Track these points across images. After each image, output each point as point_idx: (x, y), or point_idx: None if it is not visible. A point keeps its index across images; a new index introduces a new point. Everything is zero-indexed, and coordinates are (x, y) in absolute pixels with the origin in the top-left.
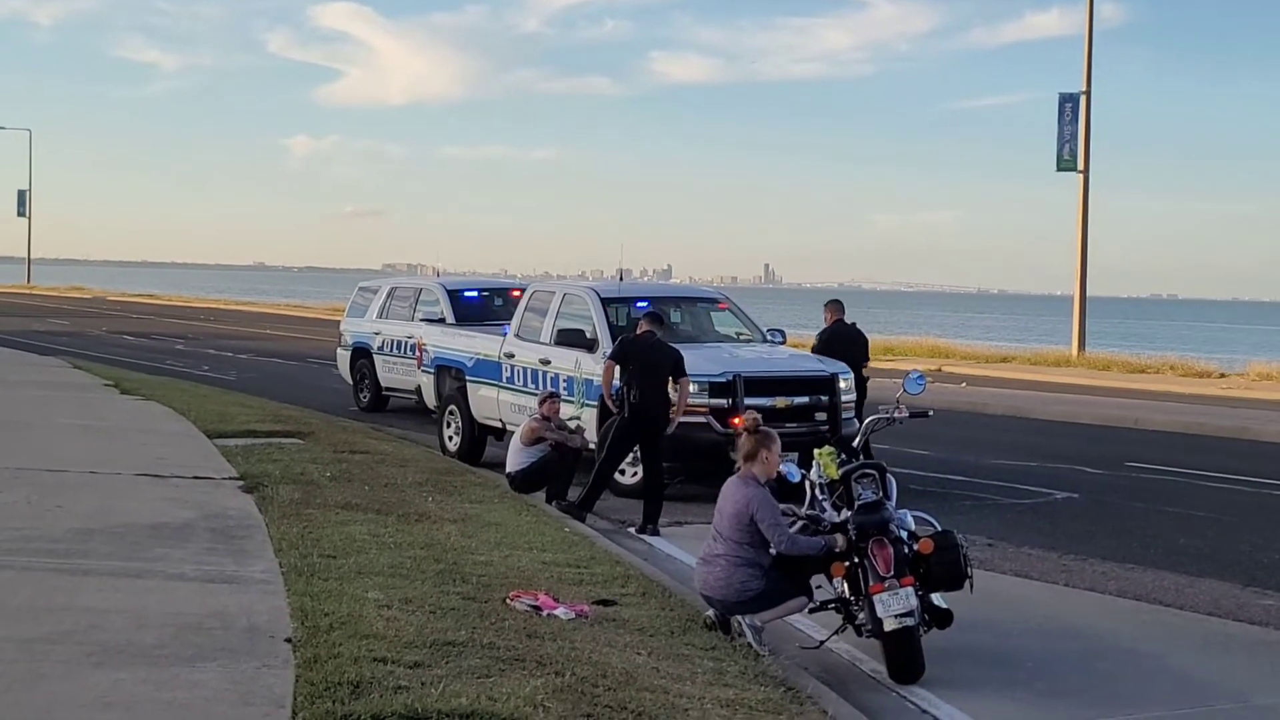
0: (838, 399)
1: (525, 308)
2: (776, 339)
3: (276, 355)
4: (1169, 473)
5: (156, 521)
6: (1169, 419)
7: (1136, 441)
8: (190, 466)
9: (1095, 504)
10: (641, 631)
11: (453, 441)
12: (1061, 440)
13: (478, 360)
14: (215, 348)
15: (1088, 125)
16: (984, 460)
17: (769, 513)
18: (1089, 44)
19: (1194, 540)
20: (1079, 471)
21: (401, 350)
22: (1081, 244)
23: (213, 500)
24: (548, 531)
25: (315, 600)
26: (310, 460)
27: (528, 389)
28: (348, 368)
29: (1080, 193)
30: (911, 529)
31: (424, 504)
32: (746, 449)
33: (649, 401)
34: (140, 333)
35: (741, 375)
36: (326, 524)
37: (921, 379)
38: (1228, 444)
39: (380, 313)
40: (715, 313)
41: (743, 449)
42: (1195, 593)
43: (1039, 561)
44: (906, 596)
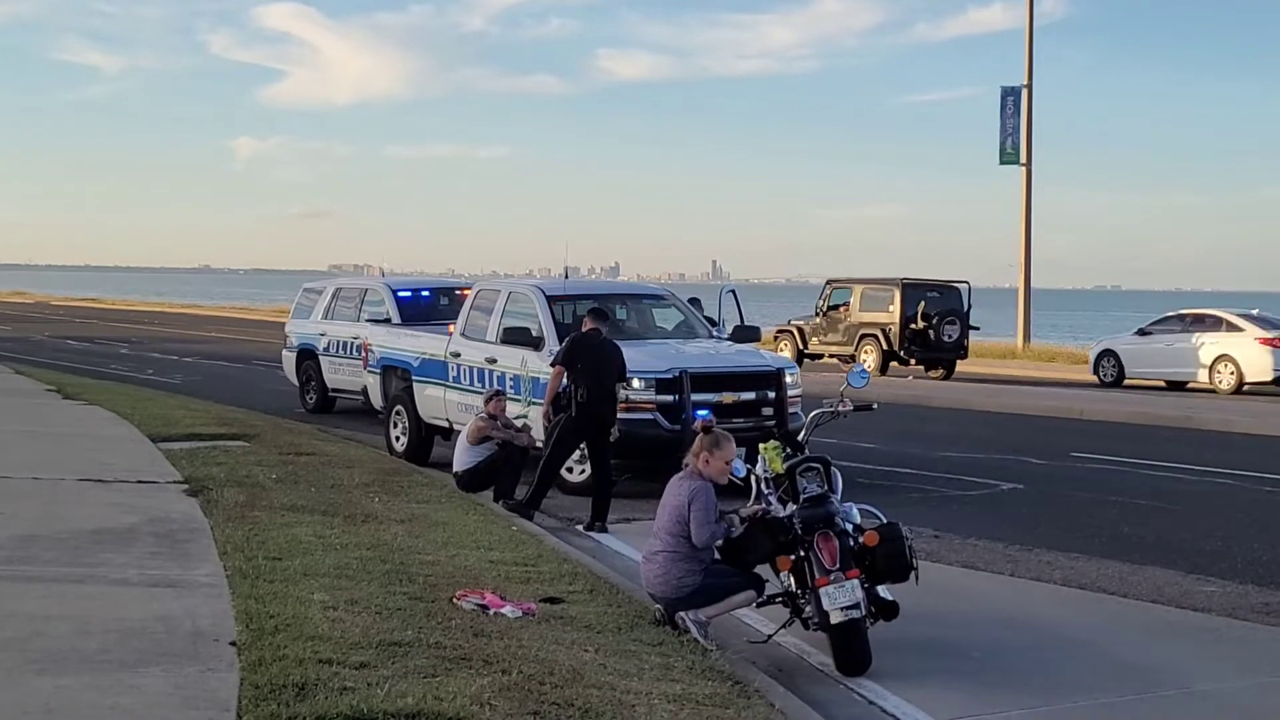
0: (784, 394)
1: (471, 306)
2: (722, 335)
3: (222, 358)
4: (1113, 462)
5: (100, 526)
6: (1113, 409)
7: (1081, 432)
8: (134, 471)
9: (1040, 494)
10: (589, 629)
11: (399, 442)
12: (1007, 432)
13: (424, 360)
14: (160, 351)
15: (1029, 119)
16: (930, 453)
17: (701, 505)
18: (1030, 38)
19: (1138, 529)
20: (1024, 462)
21: (347, 351)
22: (1025, 237)
23: (157, 504)
24: (495, 530)
25: (260, 603)
26: (256, 463)
27: (474, 388)
28: (293, 369)
29: (1023, 186)
30: (857, 522)
31: (370, 505)
32: (695, 447)
33: (596, 400)
34: (84, 337)
35: (688, 371)
36: (272, 526)
37: (865, 373)
38: (1171, 433)
39: (326, 314)
40: (661, 309)
41: (694, 448)
42: (1139, 581)
43: (985, 552)
44: (852, 589)
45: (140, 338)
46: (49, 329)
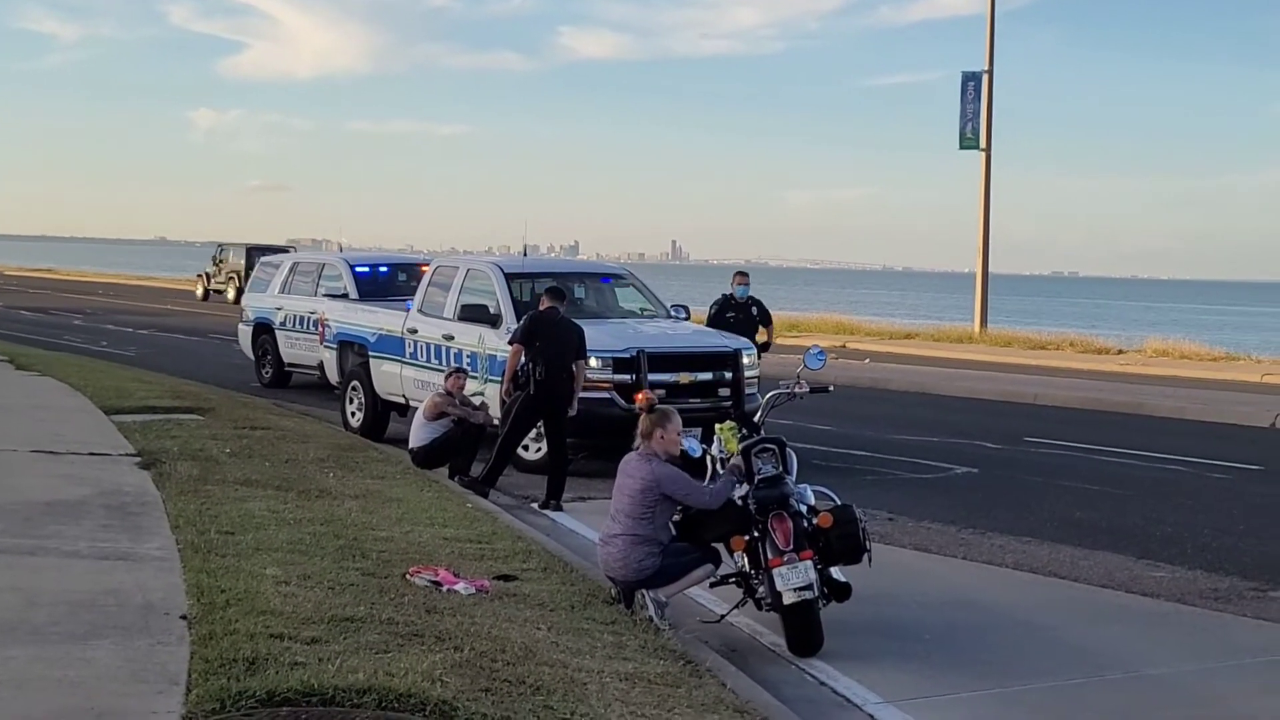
0: (741, 374)
1: (429, 283)
2: (680, 315)
3: (177, 330)
4: (1066, 448)
5: (51, 499)
6: (1067, 395)
7: (1035, 417)
8: (86, 443)
9: (994, 479)
10: (542, 606)
11: (355, 417)
12: (962, 416)
13: (381, 336)
14: (114, 323)
15: (990, 104)
16: (886, 436)
17: (681, 485)
18: (991, 23)
19: (1089, 514)
20: (979, 447)
21: (304, 326)
22: (984, 222)
23: (109, 477)
24: (450, 507)
25: (212, 577)
26: (210, 436)
27: (431, 365)
28: (249, 343)
29: (982, 171)
30: (811, 503)
31: (325, 480)
32: (644, 427)
33: (554, 378)
34: (37, 308)
35: (645, 351)
36: (225, 500)
37: (822, 354)
38: (1124, 419)
39: (283, 288)
40: (619, 289)
41: (641, 427)
42: (1090, 565)
43: (938, 535)
44: (805, 570)
45: (94, 309)
46: (1, 299)
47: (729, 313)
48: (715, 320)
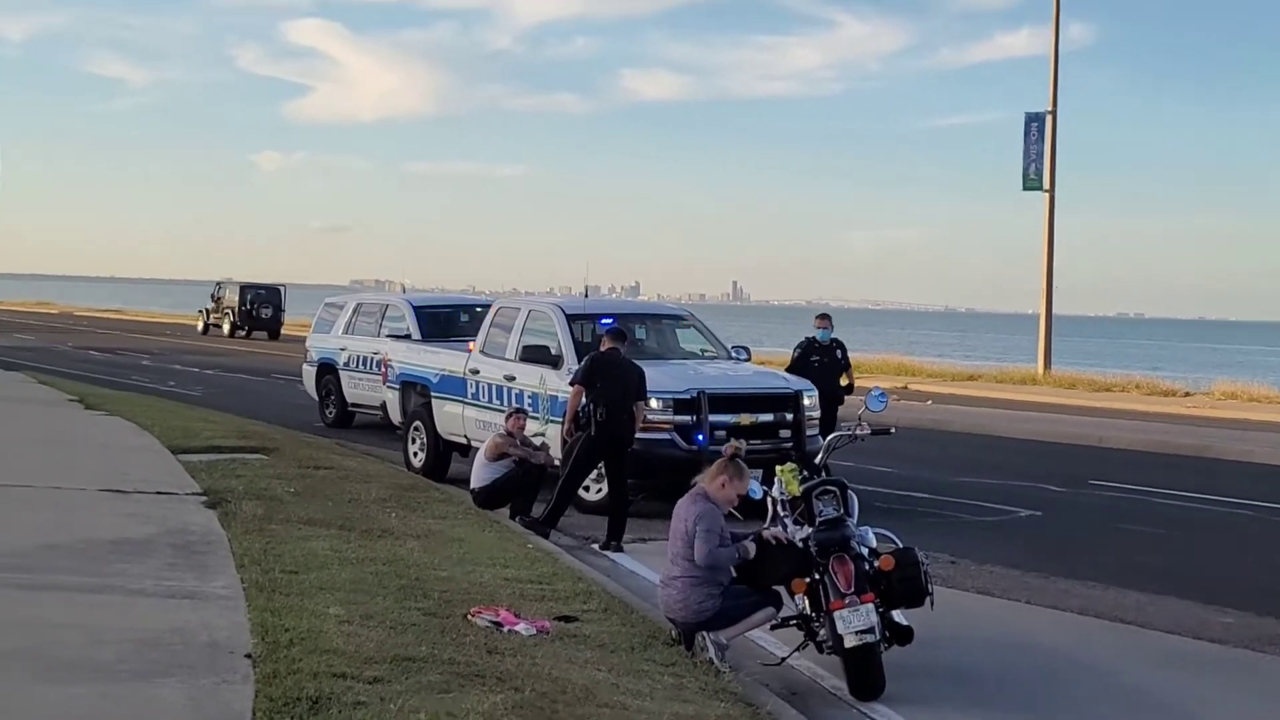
0: (802, 416)
1: (491, 324)
2: (741, 356)
3: (242, 371)
4: (1132, 491)
5: (118, 537)
6: (1133, 437)
7: (1101, 460)
8: (153, 482)
9: (1058, 522)
10: (602, 648)
11: (417, 457)
12: (1026, 458)
13: (443, 376)
14: (181, 363)
15: (1053, 145)
16: (948, 478)
17: (707, 526)
18: (1054, 64)
19: (1156, 558)
20: (1043, 489)
21: (367, 366)
22: (1047, 263)
23: (175, 516)
24: (511, 548)
25: (276, 616)
26: (274, 476)
27: (492, 405)
28: (313, 383)
29: (1046, 212)
30: (873, 546)
31: (387, 520)
32: (714, 469)
33: (615, 419)
34: (106, 348)
35: (705, 392)
36: (289, 539)
37: (883, 396)
38: (1191, 462)
39: (346, 328)
40: (680, 329)
41: (713, 470)
42: (1156, 610)
43: (1001, 579)
44: (867, 613)
45: (162, 349)
46: (72, 339)
47: (813, 356)
48: (799, 363)
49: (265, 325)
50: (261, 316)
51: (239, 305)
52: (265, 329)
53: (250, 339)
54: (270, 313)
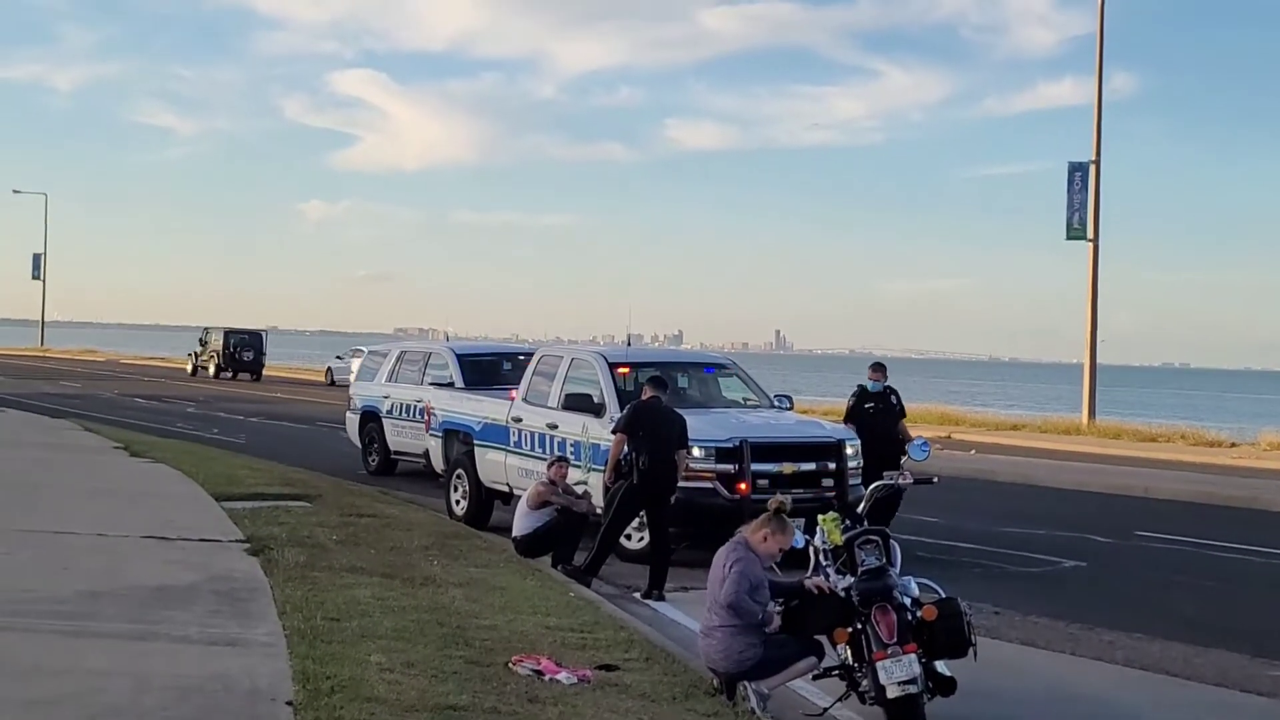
0: (844, 465)
1: (533, 372)
2: (783, 405)
3: (286, 418)
4: (1178, 542)
5: (162, 584)
6: (1179, 488)
7: (1146, 510)
8: (197, 529)
9: (1103, 573)
10: (644, 697)
11: (460, 505)
12: (1070, 508)
13: (485, 424)
14: (226, 410)
15: (1097, 194)
16: (992, 528)
17: (741, 567)
18: (1098, 114)
19: (1202, 610)
20: (1088, 540)
21: (410, 414)
22: (1091, 312)
23: (219, 563)
24: (552, 596)
25: (318, 663)
26: (317, 523)
27: (535, 453)
28: (357, 431)
29: (1090, 261)
30: (915, 596)
31: (429, 568)
32: (758, 524)
33: (657, 467)
34: (151, 395)
35: (748, 441)
36: (331, 587)
37: (926, 446)
38: (1238, 514)
39: (390, 376)
40: (723, 378)
41: (758, 522)
42: (1203, 663)
43: (1046, 630)
44: (910, 663)
45: (206, 396)
46: (118, 386)
47: (867, 403)
48: (854, 411)
49: (247, 367)
50: (244, 359)
51: (223, 349)
52: (248, 370)
53: (235, 380)
54: (252, 356)
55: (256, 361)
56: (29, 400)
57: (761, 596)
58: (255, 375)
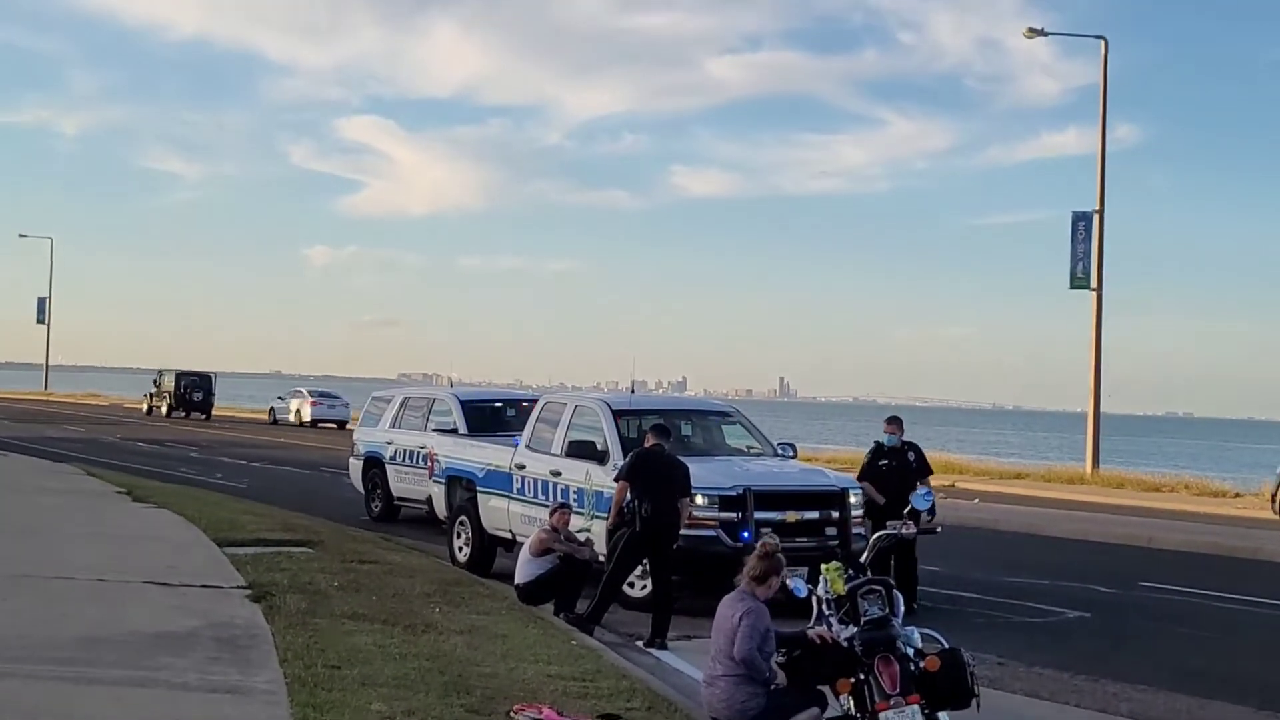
0: (848, 514)
1: (537, 419)
2: (787, 453)
3: (290, 463)
4: (1182, 593)
5: (162, 630)
6: (1183, 538)
7: (1150, 561)
8: (199, 575)
9: (1108, 623)
10: None
11: (462, 552)
12: (1074, 558)
13: (489, 471)
14: (229, 455)
15: (1101, 244)
16: (996, 577)
17: (752, 619)
18: (1101, 164)
19: (1207, 661)
20: (1092, 590)
21: (414, 460)
22: (1095, 361)
23: (220, 609)
24: (555, 644)
25: (318, 711)
26: (319, 570)
27: (538, 500)
28: (360, 477)
29: (1094, 310)
30: (919, 646)
31: (431, 615)
32: (759, 570)
33: (660, 515)
34: (155, 440)
35: (751, 489)
36: (333, 634)
37: (929, 495)
38: (1242, 564)
39: (393, 422)
40: (726, 426)
41: (755, 570)
42: (1207, 715)
43: (1050, 681)
44: (913, 715)
45: (209, 441)
46: (121, 431)
47: (882, 460)
48: (868, 468)
49: (198, 407)
50: (194, 399)
51: (175, 389)
52: (198, 409)
53: (188, 419)
54: (201, 396)
55: (206, 401)
56: (32, 444)
57: (769, 646)
58: (205, 414)
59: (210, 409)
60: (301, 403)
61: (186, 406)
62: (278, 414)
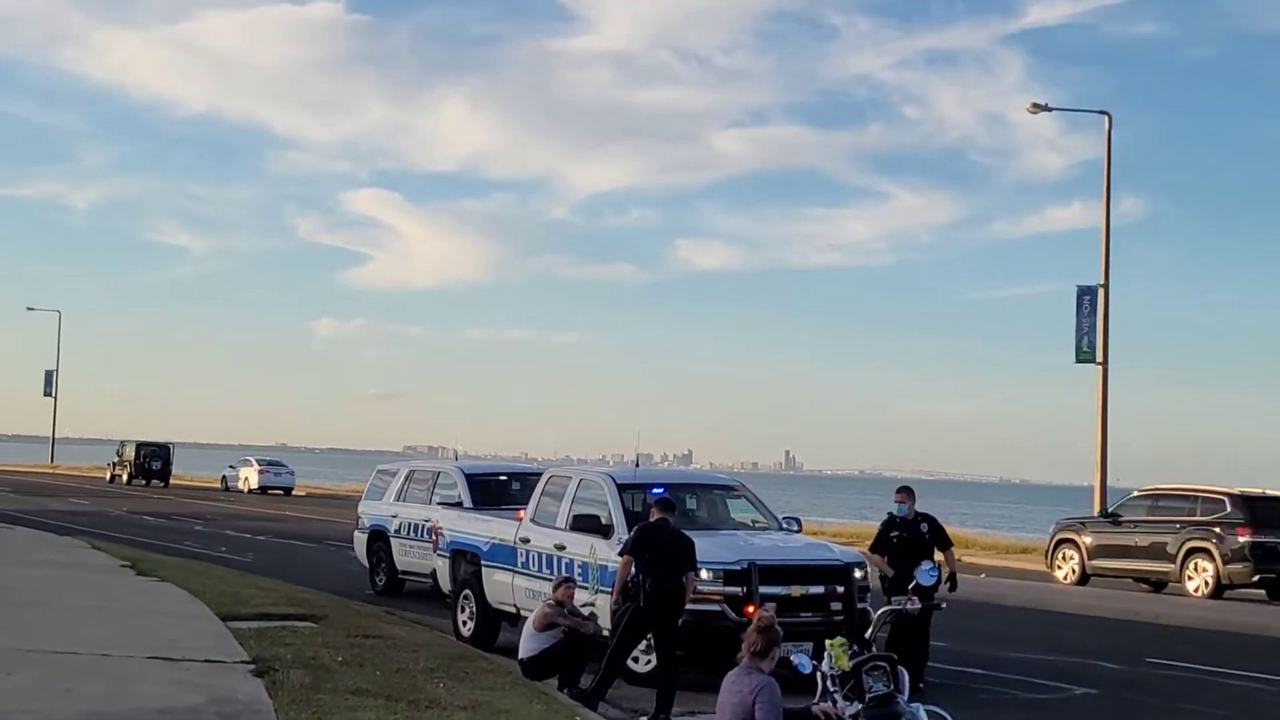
0: (853, 589)
1: (541, 492)
2: (792, 527)
3: (295, 536)
4: (1189, 670)
5: (166, 706)
6: (1190, 615)
7: (1157, 637)
8: (202, 649)
9: (1114, 701)
10: None
11: (466, 626)
12: (1081, 634)
13: (493, 544)
14: (234, 528)
15: (1106, 318)
16: (1002, 653)
17: (768, 695)
18: (1106, 238)
19: None
20: (1098, 667)
21: (418, 533)
22: (1101, 435)
23: (223, 684)
24: (558, 719)
25: None
26: (323, 644)
27: (542, 574)
28: (364, 550)
29: (1099, 384)
30: None
31: (435, 690)
32: (760, 645)
33: (664, 589)
34: (160, 513)
35: (756, 563)
36: (336, 710)
37: (935, 571)
38: (1249, 641)
39: (398, 495)
40: (731, 500)
41: (753, 643)
42: None
43: None
44: None
45: (215, 514)
46: (126, 504)
47: (893, 532)
48: (880, 540)
49: (156, 475)
50: (152, 468)
51: (135, 459)
52: (157, 477)
53: (148, 486)
54: (160, 465)
55: (164, 470)
56: (38, 517)
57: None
58: (164, 482)
59: (168, 477)
60: (250, 471)
61: (146, 475)
62: (229, 482)
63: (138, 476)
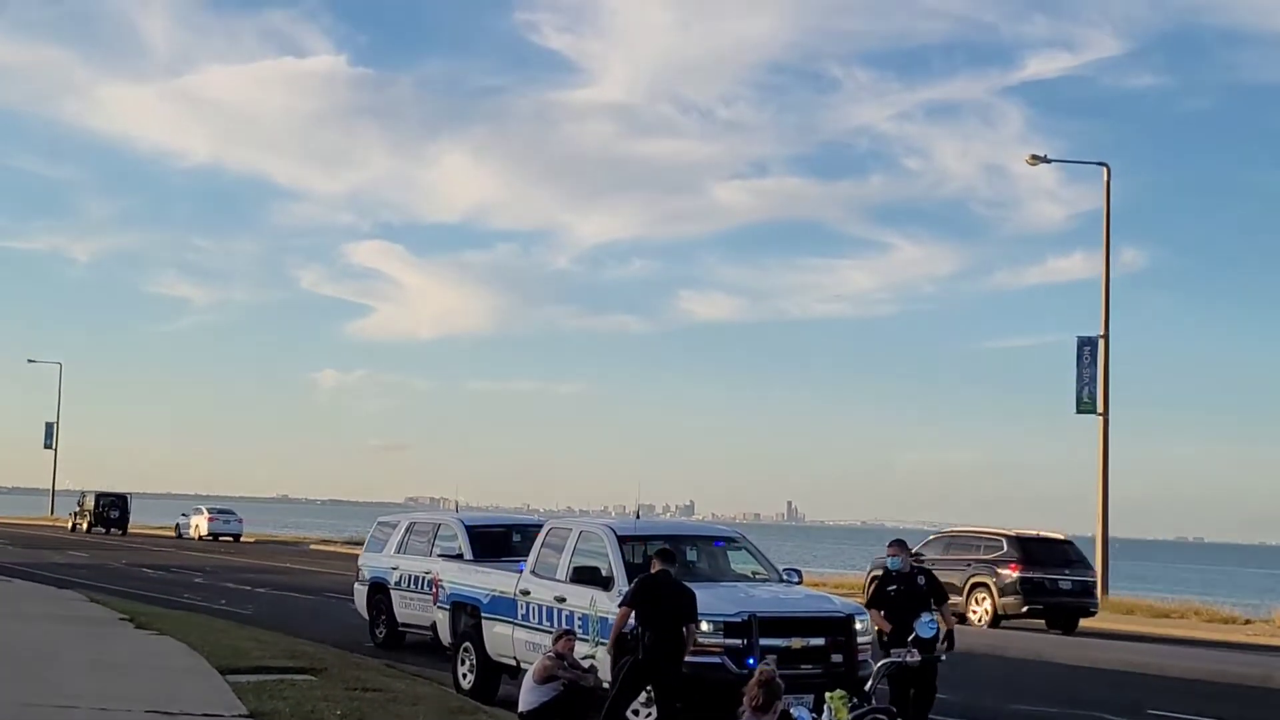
0: (854, 641)
1: (542, 544)
2: (793, 579)
3: (295, 589)
4: None
5: None
6: (1193, 665)
7: (1160, 689)
8: (200, 703)
9: None
10: None
11: (467, 679)
12: (1083, 686)
13: (493, 597)
14: (234, 580)
15: (1106, 368)
16: (1004, 705)
17: None
18: (1106, 289)
19: None
20: (1101, 719)
21: (419, 586)
22: (1103, 485)
23: None
24: None
25: None
26: (321, 698)
27: (543, 626)
28: (365, 602)
29: (1100, 434)
30: None
31: None
32: (760, 699)
33: (663, 641)
34: (159, 565)
35: (756, 615)
36: None
37: (934, 624)
38: (1252, 692)
39: (399, 548)
40: (732, 551)
41: (754, 697)
42: None
43: None
44: None
45: (214, 566)
46: (125, 556)
47: (890, 586)
48: (876, 594)
49: (115, 523)
50: (111, 517)
51: (94, 509)
52: (115, 525)
53: (107, 534)
54: (118, 514)
55: (122, 519)
56: (36, 570)
57: None
58: (122, 530)
59: (126, 525)
60: (200, 519)
61: (104, 523)
62: (181, 529)
63: (97, 525)
